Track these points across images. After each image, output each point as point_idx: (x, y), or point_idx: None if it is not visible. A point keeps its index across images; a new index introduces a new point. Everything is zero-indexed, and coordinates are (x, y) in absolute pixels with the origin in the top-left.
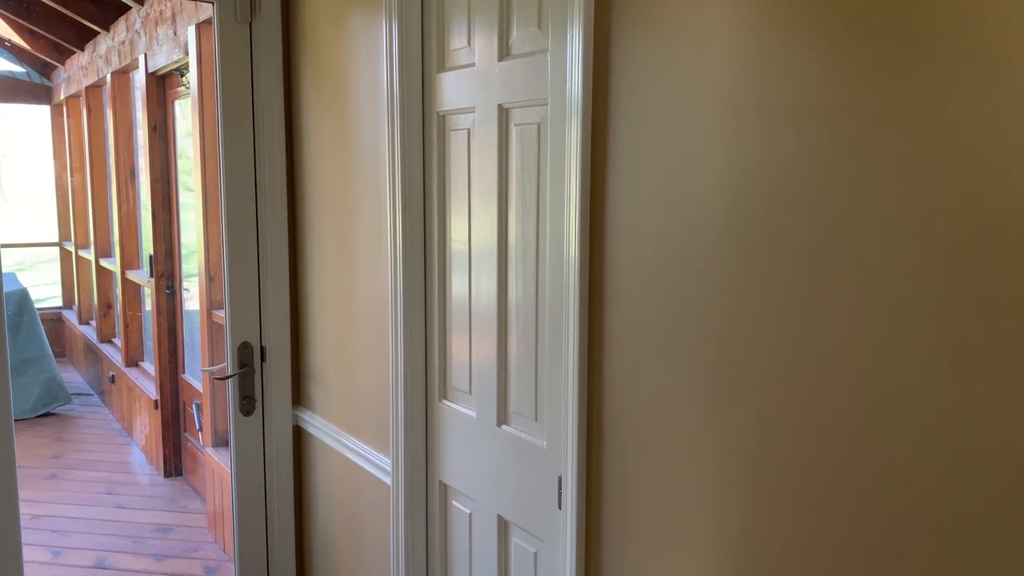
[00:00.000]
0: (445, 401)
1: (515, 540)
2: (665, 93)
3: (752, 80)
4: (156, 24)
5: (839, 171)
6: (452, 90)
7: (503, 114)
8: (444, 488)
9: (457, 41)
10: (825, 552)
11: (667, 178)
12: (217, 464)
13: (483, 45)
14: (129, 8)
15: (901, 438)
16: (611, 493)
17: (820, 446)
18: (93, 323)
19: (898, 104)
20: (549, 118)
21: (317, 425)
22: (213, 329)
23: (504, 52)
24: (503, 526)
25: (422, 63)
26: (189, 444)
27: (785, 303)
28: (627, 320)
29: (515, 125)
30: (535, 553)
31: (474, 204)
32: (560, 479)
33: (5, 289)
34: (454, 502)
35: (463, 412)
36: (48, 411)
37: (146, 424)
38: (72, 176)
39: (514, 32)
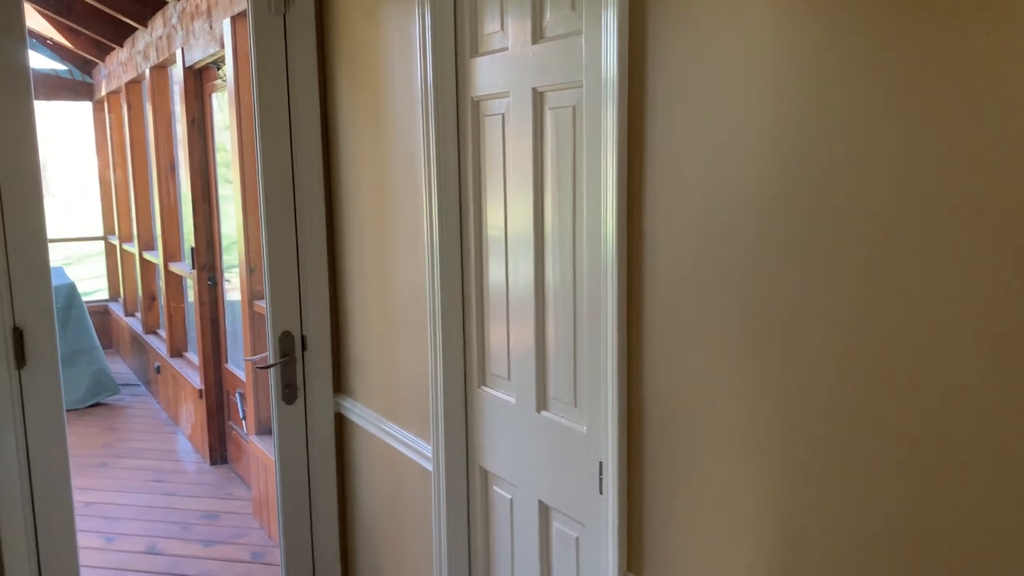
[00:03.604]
0: (484, 387)
1: (556, 525)
2: (703, 70)
3: (793, 55)
4: (192, 18)
5: (886, 146)
6: (486, 75)
7: (537, 98)
8: (485, 474)
9: (490, 25)
10: (878, 534)
11: (707, 157)
12: (261, 452)
13: (516, 28)
14: (166, 3)
15: (961, 431)
16: (653, 477)
17: (868, 428)
18: (138, 315)
19: (948, 72)
20: (584, 100)
21: (358, 412)
22: (255, 319)
23: (538, 35)
24: (544, 511)
25: (455, 49)
26: (233, 432)
27: (831, 284)
28: (667, 303)
29: (550, 109)
30: (577, 538)
31: (510, 189)
32: (601, 464)
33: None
34: (495, 488)
35: (502, 398)
36: (98, 401)
37: (191, 413)
38: (114, 171)
39: (547, 14)
